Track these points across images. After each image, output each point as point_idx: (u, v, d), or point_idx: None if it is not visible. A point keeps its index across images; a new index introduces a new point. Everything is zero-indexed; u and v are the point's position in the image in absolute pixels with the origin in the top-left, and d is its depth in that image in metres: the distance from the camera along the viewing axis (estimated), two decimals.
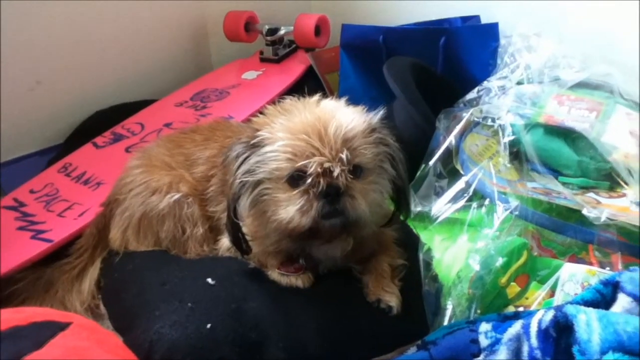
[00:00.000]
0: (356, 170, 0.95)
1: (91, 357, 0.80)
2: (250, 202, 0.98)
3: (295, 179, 0.93)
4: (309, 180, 0.92)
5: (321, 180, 0.92)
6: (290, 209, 0.93)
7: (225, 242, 1.13)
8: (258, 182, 0.97)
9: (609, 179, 1.22)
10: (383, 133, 1.00)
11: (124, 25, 1.85)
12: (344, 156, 0.92)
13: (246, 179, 0.97)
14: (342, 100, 1.03)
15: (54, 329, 0.82)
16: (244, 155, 0.97)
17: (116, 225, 1.21)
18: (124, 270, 1.16)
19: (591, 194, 1.19)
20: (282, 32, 1.95)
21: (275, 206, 0.95)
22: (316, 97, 1.02)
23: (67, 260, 1.24)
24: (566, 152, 1.28)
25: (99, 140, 1.65)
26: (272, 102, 1.66)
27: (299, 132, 0.93)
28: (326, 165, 0.92)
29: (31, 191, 1.48)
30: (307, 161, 0.92)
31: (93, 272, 1.22)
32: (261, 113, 1.03)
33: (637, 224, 1.03)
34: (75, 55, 1.75)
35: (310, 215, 0.92)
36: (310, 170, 0.92)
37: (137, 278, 1.12)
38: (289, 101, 1.02)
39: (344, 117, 0.95)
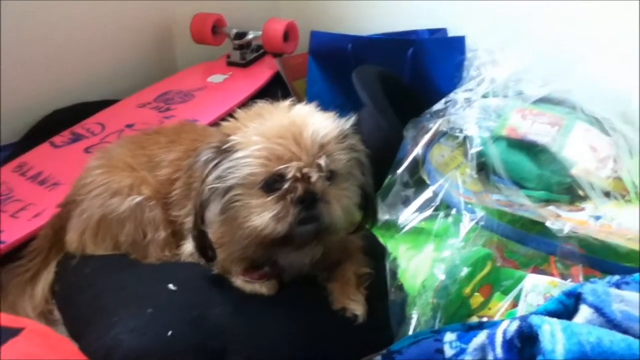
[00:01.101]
0: (330, 176, 0.94)
1: None
2: (220, 209, 0.95)
3: (270, 184, 0.91)
4: (286, 186, 0.91)
5: (298, 186, 0.90)
6: (265, 215, 0.91)
7: (187, 247, 1.10)
8: (229, 189, 0.94)
9: (569, 193, 1.24)
10: (354, 139, 1.00)
11: (87, 23, 1.79)
12: (322, 162, 0.91)
13: (216, 185, 0.94)
14: (313, 106, 1.02)
15: (5, 334, 0.78)
16: (215, 161, 0.94)
17: (73, 228, 1.16)
18: (81, 274, 1.11)
19: (552, 207, 1.22)
20: (250, 36, 1.93)
21: (247, 213, 0.93)
22: (288, 101, 1.01)
23: (19, 263, 1.18)
24: (527, 165, 1.31)
25: (57, 139, 1.60)
26: (239, 106, 1.65)
27: (275, 137, 0.91)
28: (305, 170, 0.90)
29: None
30: (285, 165, 0.90)
31: (47, 276, 1.17)
32: (231, 117, 1.01)
33: (598, 237, 1.05)
34: (33, 51, 1.68)
35: (287, 221, 0.91)
36: (289, 175, 0.90)
37: (94, 282, 1.08)
38: (260, 105, 1.00)
39: (318, 123, 0.94)
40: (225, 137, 0.95)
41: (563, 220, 1.08)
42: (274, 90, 1.79)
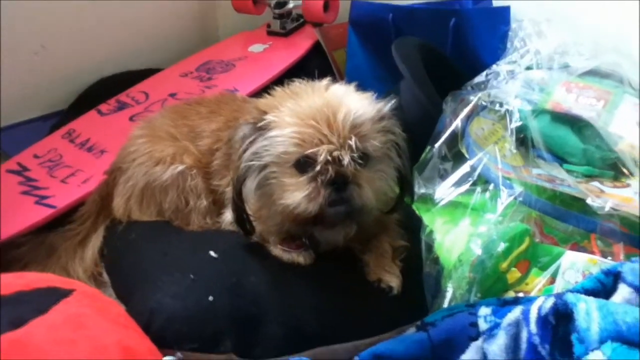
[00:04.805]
0: (364, 158, 0.94)
1: (93, 325, 0.81)
2: (256, 185, 0.97)
3: (303, 164, 0.93)
4: (317, 168, 0.92)
5: (329, 168, 0.91)
6: (297, 194, 0.93)
7: (228, 215, 1.13)
8: (264, 165, 0.96)
9: (614, 169, 1.21)
10: (391, 122, 1.00)
11: None
12: (352, 142, 0.91)
13: (252, 162, 0.96)
14: (352, 86, 1.02)
15: (57, 295, 0.82)
16: (251, 138, 0.96)
17: (119, 194, 1.21)
18: (127, 239, 1.16)
19: (595, 183, 1.19)
20: (290, 5, 1.92)
21: (281, 190, 0.95)
22: (325, 80, 1.01)
23: (70, 227, 1.24)
24: (572, 139, 1.28)
25: (103, 107, 1.64)
26: (278, 76, 1.67)
27: (308, 118, 0.92)
28: (335, 153, 0.91)
29: (35, 156, 1.47)
30: (315, 149, 0.91)
31: (96, 240, 1.22)
32: (268, 93, 1.02)
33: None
34: (80, 20, 1.73)
35: (317, 202, 0.92)
36: (320, 158, 0.91)
37: (139, 247, 1.13)
38: (298, 84, 1.01)
39: (353, 103, 0.95)
40: (261, 114, 0.96)
41: (605, 197, 1.05)
42: (314, 61, 1.79)
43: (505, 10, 1.59)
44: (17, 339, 0.72)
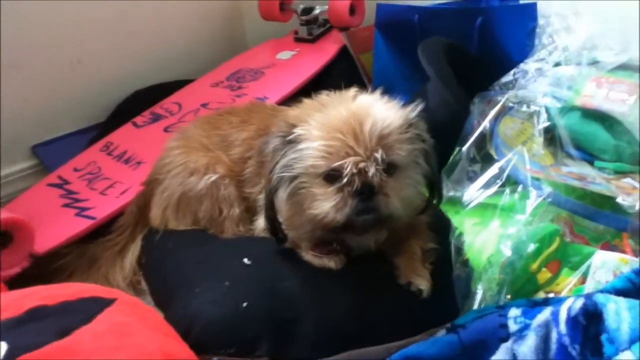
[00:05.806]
0: (390, 168, 0.96)
1: (136, 332, 0.84)
2: (287, 195, 1.00)
3: (331, 176, 0.95)
4: (344, 180, 0.94)
5: (356, 179, 0.93)
6: (326, 204, 0.96)
7: (260, 222, 1.16)
8: (295, 177, 0.99)
9: None
10: (419, 129, 1.01)
11: (160, 5, 1.88)
12: (378, 155, 0.93)
13: (283, 173, 0.99)
14: (378, 93, 1.03)
15: (100, 304, 0.86)
16: (281, 151, 0.99)
17: (156, 204, 1.25)
18: (164, 248, 1.20)
19: (627, 179, 1.18)
20: (316, 11, 1.95)
21: (311, 200, 0.98)
22: (352, 90, 1.03)
23: (109, 237, 1.29)
24: (603, 136, 1.27)
25: (138, 119, 1.70)
26: (307, 82, 1.70)
27: (334, 131, 0.94)
28: (361, 165, 0.93)
29: (75, 169, 1.54)
30: (342, 161, 0.93)
31: (134, 249, 1.27)
32: (296, 103, 1.05)
33: None
34: (113, 36, 1.79)
35: (345, 212, 0.95)
36: (346, 171, 0.93)
37: (177, 256, 1.17)
38: (325, 95, 1.03)
39: (380, 114, 0.96)
40: (290, 127, 0.99)
41: (636, 195, 1.04)
42: (341, 65, 1.81)
43: (532, 7, 1.58)
44: (63, 348, 0.76)
